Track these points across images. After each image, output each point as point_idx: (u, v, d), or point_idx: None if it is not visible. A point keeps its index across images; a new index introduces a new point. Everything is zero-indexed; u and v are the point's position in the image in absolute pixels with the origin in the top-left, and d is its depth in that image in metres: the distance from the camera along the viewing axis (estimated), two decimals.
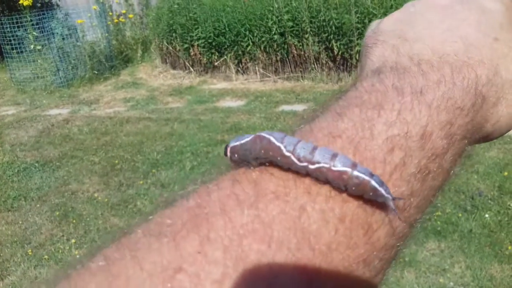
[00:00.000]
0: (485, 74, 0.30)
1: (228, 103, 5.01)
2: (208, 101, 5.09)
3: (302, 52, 5.38)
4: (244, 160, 0.26)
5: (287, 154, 0.25)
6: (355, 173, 0.24)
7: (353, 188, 0.24)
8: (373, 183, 0.24)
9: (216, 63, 5.89)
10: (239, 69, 5.80)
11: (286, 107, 4.67)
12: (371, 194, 0.24)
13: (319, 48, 5.25)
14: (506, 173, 2.88)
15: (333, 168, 0.24)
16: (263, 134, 0.26)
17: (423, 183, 0.27)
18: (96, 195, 3.24)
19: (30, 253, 2.65)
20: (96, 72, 6.17)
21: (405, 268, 2.18)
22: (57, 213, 3.06)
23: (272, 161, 0.25)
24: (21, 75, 6.16)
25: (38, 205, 3.19)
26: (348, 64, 5.21)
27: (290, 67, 5.52)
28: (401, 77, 0.29)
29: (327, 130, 0.27)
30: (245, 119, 4.41)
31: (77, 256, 2.59)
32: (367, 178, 0.24)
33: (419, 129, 0.27)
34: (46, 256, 2.62)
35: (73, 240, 2.74)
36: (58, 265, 2.54)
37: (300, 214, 0.23)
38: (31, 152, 4.08)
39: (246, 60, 5.72)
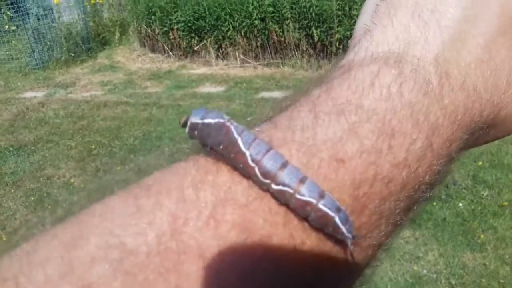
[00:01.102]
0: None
1: (208, 88, 4.97)
2: (187, 86, 5.05)
3: (283, 39, 5.37)
4: (200, 141, 0.24)
5: (252, 164, 0.22)
6: (320, 205, 0.22)
7: (314, 220, 0.22)
8: (337, 220, 0.22)
9: (195, 48, 5.83)
10: (219, 54, 5.76)
11: (266, 94, 4.66)
12: (331, 230, 0.22)
13: (300, 35, 5.24)
14: (480, 163, 2.95)
15: (297, 196, 0.22)
16: (231, 127, 0.23)
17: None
18: (72, 180, 3.20)
19: (4, 239, 2.61)
20: (72, 55, 6.05)
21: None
22: (32, 198, 3.01)
23: (229, 161, 0.23)
24: None
25: (12, 190, 3.13)
26: (328, 51, 5.22)
27: (271, 53, 5.50)
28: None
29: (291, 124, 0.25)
30: (225, 105, 4.39)
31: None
32: (331, 214, 0.22)
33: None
34: (20, 242, 2.58)
35: (48, 226, 2.70)
36: None
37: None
38: (5, 136, 3.99)
39: (226, 45, 5.67)
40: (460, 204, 2.58)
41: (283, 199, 0.22)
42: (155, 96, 4.79)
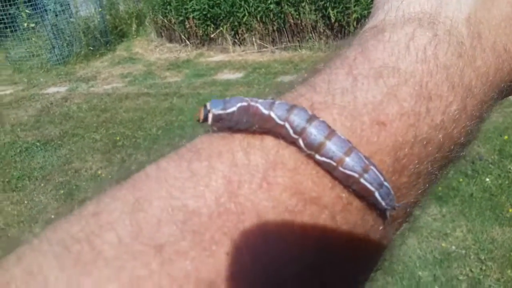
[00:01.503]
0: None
1: (226, 75, 4.98)
2: (206, 74, 5.07)
3: (299, 21, 5.32)
4: (228, 129, 0.24)
5: (295, 136, 0.22)
6: (362, 180, 0.22)
7: (356, 190, 0.23)
8: (377, 195, 0.23)
9: (212, 35, 5.83)
10: (236, 40, 5.75)
11: (285, 78, 4.65)
12: (371, 200, 0.23)
13: (316, 17, 5.19)
14: (506, 137, 2.90)
15: (340, 169, 0.22)
16: (258, 106, 0.23)
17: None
18: (99, 172, 3.27)
19: (37, 232, 2.69)
20: (91, 48, 6.11)
21: (407, 233, 2.22)
22: (62, 191, 3.09)
23: (269, 132, 0.23)
24: (16, 54, 6.09)
25: (42, 184, 3.21)
26: (346, 31, 5.16)
27: (288, 36, 5.46)
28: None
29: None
30: (245, 91, 4.39)
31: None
32: (372, 189, 0.22)
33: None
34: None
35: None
36: None
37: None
38: (32, 132, 4.08)
39: (242, 31, 5.66)
40: (487, 179, 2.55)
41: (327, 168, 0.23)
42: (175, 86, 4.82)
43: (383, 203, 0.23)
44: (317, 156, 0.22)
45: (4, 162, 3.59)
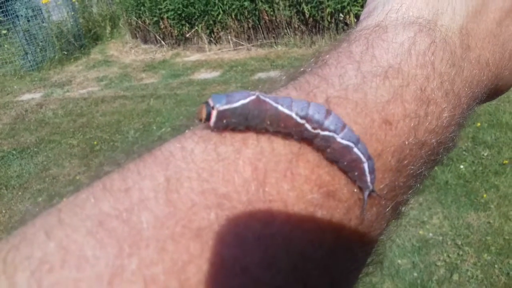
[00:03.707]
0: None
1: (203, 75, 4.97)
2: (183, 75, 5.05)
3: (274, 18, 5.34)
4: (234, 127, 0.23)
5: (301, 121, 0.23)
6: (355, 150, 0.23)
7: (345, 163, 0.23)
8: (365, 166, 0.23)
9: (187, 35, 5.81)
10: (212, 39, 5.74)
11: (262, 75, 4.66)
12: (356, 174, 0.23)
13: (291, 13, 5.21)
14: (478, 124, 2.96)
15: (338, 140, 0.23)
16: (267, 99, 0.23)
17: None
18: (78, 177, 3.24)
19: None
20: (65, 53, 6.03)
21: None
22: (40, 199, 3.05)
23: (280, 132, 0.23)
24: None
25: (20, 193, 3.17)
26: (320, 26, 5.19)
27: (263, 33, 5.47)
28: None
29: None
30: (222, 90, 4.39)
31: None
32: (363, 158, 0.23)
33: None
34: None
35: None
36: None
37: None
38: (7, 140, 4.02)
39: (217, 29, 5.65)
40: (462, 166, 2.60)
41: (325, 145, 0.23)
42: (152, 87, 4.79)
43: (368, 178, 0.23)
44: (321, 132, 0.23)
45: None
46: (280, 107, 0.22)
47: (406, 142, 0.25)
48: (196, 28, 5.70)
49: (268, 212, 0.21)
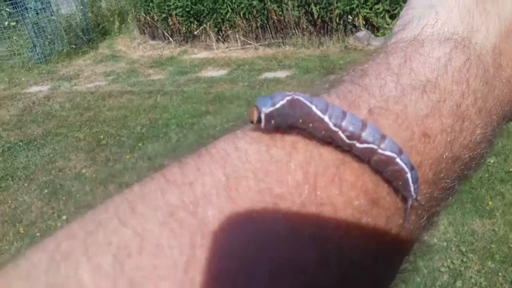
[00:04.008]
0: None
1: (210, 72, 4.98)
2: (190, 72, 5.06)
3: (282, 18, 5.34)
4: (279, 128, 0.24)
5: (335, 129, 0.23)
6: (398, 160, 0.23)
7: (388, 173, 0.24)
8: (409, 176, 0.23)
9: (195, 32, 5.82)
10: (220, 37, 5.75)
11: (269, 74, 4.67)
12: (400, 183, 0.24)
13: (299, 13, 5.21)
14: None
15: (380, 151, 0.23)
16: (302, 99, 0.24)
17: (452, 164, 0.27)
18: (83, 171, 3.25)
19: (22, 232, 2.68)
20: (73, 46, 6.05)
21: None
22: (46, 190, 3.07)
23: (310, 132, 0.23)
24: None
25: (26, 184, 3.19)
26: (328, 27, 5.19)
27: (271, 33, 5.48)
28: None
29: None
30: (229, 89, 4.40)
31: None
32: (406, 169, 0.23)
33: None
34: (38, 234, 2.64)
35: (64, 217, 2.76)
36: None
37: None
38: (14, 131, 4.04)
39: (226, 28, 5.66)
40: None
41: (366, 157, 0.23)
42: (159, 83, 4.81)
43: (412, 187, 0.24)
44: (358, 145, 0.23)
45: None
46: (314, 108, 0.23)
47: (443, 156, 0.26)
48: (204, 25, 5.71)
49: (321, 216, 0.21)
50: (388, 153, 0.23)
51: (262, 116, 0.23)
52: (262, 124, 0.23)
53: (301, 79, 4.41)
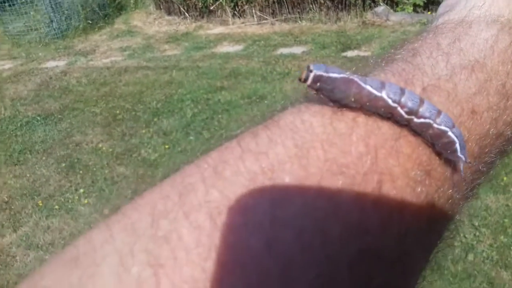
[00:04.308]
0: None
1: (226, 48, 4.95)
2: (206, 47, 5.04)
3: None
4: (323, 93, 0.25)
5: (394, 105, 0.24)
6: (450, 133, 0.25)
7: (440, 145, 0.25)
8: (457, 146, 0.25)
9: (211, 7, 5.77)
10: (236, 12, 5.69)
11: (285, 50, 4.62)
12: (449, 152, 0.25)
13: None
14: None
15: (435, 126, 0.25)
16: (356, 79, 0.25)
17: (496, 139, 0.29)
18: (100, 145, 3.29)
19: (40, 204, 2.73)
20: (90, 22, 6.06)
21: None
22: (64, 164, 3.12)
23: (368, 110, 0.25)
24: (15, 28, 6.04)
25: (44, 158, 3.24)
26: (346, 2, 5.10)
27: (288, 8, 5.41)
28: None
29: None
30: (244, 64, 4.38)
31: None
32: (456, 140, 0.25)
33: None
34: (56, 207, 2.70)
35: (81, 190, 2.81)
36: (69, 214, 2.62)
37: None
38: (32, 106, 4.09)
39: (242, 3, 5.59)
40: None
41: (422, 130, 0.25)
42: (174, 59, 4.80)
43: (462, 155, 0.25)
44: (415, 120, 0.25)
45: (5, 136, 3.61)
46: (369, 87, 0.25)
47: (489, 132, 0.28)
48: (221, 0, 5.65)
49: (382, 184, 0.23)
50: (442, 127, 0.25)
51: (311, 75, 0.25)
52: (308, 81, 0.25)
53: (317, 55, 4.36)
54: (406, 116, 0.24)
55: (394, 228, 0.23)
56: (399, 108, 0.24)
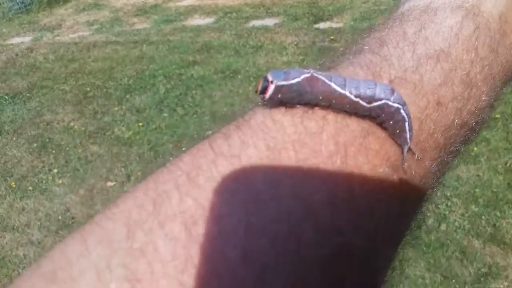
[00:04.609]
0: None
1: (197, 21, 4.87)
2: (176, 20, 4.94)
3: None
4: (288, 102, 0.25)
5: (356, 100, 0.24)
6: (402, 111, 0.25)
7: (392, 123, 0.25)
8: (407, 124, 0.25)
9: None
10: None
11: (257, 22, 4.58)
12: (398, 131, 0.26)
13: None
14: None
15: (390, 104, 0.25)
16: (320, 76, 0.25)
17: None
18: (72, 124, 3.23)
19: (13, 186, 2.69)
20: None
21: None
22: (35, 144, 3.06)
23: (334, 107, 0.25)
24: None
25: (14, 138, 3.17)
26: None
27: None
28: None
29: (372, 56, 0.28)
30: (216, 37, 4.33)
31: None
32: (406, 117, 0.25)
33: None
34: (30, 188, 2.66)
35: (55, 170, 2.78)
36: (43, 195, 2.59)
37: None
38: None
39: None
40: None
41: (380, 113, 0.25)
42: (144, 33, 4.70)
43: (408, 134, 0.26)
44: (374, 103, 0.25)
45: None
46: (333, 85, 0.24)
47: (454, 123, 0.28)
48: None
49: (352, 182, 0.24)
50: (396, 104, 0.25)
51: (272, 86, 0.24)
52: (268, 94, 0.24)
53: (290, 27, 4.34)
54: (367, 105, 0.25)
55: (364, 227, 0.23)
56: (361, 101, 0.25)
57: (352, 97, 0.24)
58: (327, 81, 0.24)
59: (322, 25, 4.31)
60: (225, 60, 3.83)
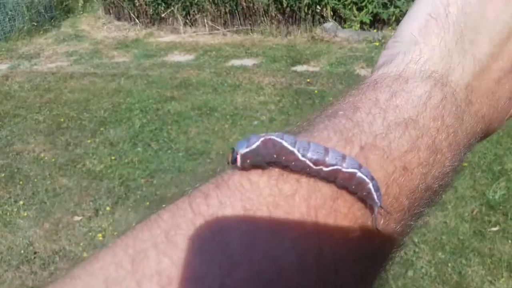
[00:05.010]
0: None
1: (177, 57, 4.92)
2: (156, 55, 4.98)
3: (251, 4, 5.32)
4: (256, 165, 0.27)
5: (302, 159, 0.26)
6: (359, 174, 0.26)
7: (353, 187, 0.26)
8: (371, 186, 0.26)
9: (163, 15, 5.73)
10: (187, 21, 5.68)
11: (236, 62, 4.65)
12: (364, 194, 0.27)
13: (268, 1, 5.20)
14: None
15: (344, 170, 0.26)
16: (274, 137, 0.27)
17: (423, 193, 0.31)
18: (42, 155, 3.18)
19: None
20: (35, 24, 5.85)
21: None
22: (3, 174, 2.98)
23: (285, 165, 0.27)
24: None
25: None
26: (297, 17, 5.21)
27: (239, 19, 5.45)
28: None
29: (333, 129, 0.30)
30: (195, 75, 4.37)
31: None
32: (368, 180, 0.26)
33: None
34: None
35: (21, 202, 2.70)
36: (7, 227, 2.51)
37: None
38: None
39: (194, 11, 5.59)
40: None
41: (332, 178, 0.27)
42: (123, 66, 4.72)
43: (375, 195, 0.27)
44: (324, 169, 0.26)
45: None
46: (284, 143, 0.27)
47: (419, 187, 0.29)
48: (172, 8, 5.62)
49: (319, 245, 0.25)
50: (350, 170, 0.26)
51: (238, 156, 0.26)
52: (238, 163, 0.26)
53: (268, 68, 4.42)
54: (314, 167, 0.26)
55: (331, 285, 0.25)
56: (307, 161, 0.26)
57: (299, 155, 0.26)
58: (278, 139, 0.26)
59: (299, 68, 4.40)
60: (203, 97, 3.85)
